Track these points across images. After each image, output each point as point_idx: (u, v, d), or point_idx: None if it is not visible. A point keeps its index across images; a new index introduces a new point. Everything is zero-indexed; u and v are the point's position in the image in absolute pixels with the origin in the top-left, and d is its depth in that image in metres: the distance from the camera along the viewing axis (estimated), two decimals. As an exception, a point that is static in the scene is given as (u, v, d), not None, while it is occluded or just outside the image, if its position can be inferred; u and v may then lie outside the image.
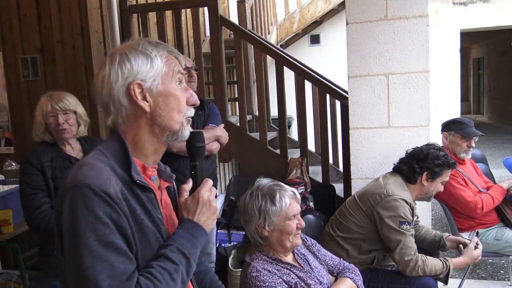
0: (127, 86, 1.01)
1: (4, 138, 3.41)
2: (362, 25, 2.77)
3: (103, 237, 0.88)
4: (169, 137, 1.05)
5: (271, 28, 6.00)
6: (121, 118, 1.03)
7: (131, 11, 3.67)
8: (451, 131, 2.96)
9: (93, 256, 0.87)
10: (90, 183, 0.90)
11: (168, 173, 1.14)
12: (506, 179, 3.01)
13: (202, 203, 1.06)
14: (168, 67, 1.05)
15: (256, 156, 3.71)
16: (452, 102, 7.92)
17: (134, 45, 1.05)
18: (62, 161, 2.12)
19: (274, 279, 1.61)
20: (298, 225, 1.69)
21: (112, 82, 1.01)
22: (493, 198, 2.81)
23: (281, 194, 1.68)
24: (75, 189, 0.91)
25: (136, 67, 1.01)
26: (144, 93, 1.02)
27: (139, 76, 1.01)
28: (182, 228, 1.03)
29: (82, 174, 0.93)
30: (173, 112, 1.04)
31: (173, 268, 0.96)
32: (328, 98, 3.69)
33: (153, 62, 1.03)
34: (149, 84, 1.02)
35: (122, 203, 0.93)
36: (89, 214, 0.88)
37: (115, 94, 1.01)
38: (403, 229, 2.20)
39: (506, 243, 2.81)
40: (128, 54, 1.03)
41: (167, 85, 1.04)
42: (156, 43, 1.07)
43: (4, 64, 3.29)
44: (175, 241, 0.99)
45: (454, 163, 2.37)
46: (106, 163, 0.97)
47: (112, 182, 0.93)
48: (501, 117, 13.91)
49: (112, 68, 1.02)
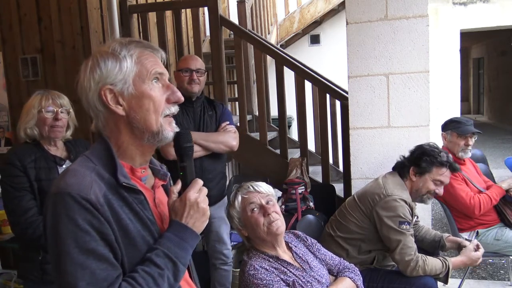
0: (98, 92, 1.00)
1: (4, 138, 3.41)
2: (362, 25, 2.77)
3: (83, 244, 0.89)
4: (150, 139, 1.03)
5: (271, 28, 5.99)
6: (101, 122, 1.03)
7: (131, 11, 3.67)
8: (449, 131, 2.98)
9: (74, 263, 0.88)
10: (71, 190, 0.91)
11: (163, 171, 1.13)
12: (506, 179, 3.01)
13: (190, 205, 1.03)
14: (140, 67, 1.01)
15: (256, 156, 3.71)
16: (452, 102, 7.92)
17: (105, 47, 1.03)
18: (46, 162, 2.02)
19: (271, 277, 1.61)
20: (265, 214, 1.68)
21: (87, 89, 1.00)
22: (491, 198, 2.81)
23: (236, 193, 1.77)
24: (57, 197, 0.92)
25: (105, 72, 0.99)
26: (116, 97, 1.00)
27: (109, 80, 0.99)
28: (169, 231, 1.01)
29: (64, 181, 0.93)
30: (149, 113, 1.01)
31: (157, 273, 0.94)
32: (328, 98, 3.69)
33: (121, 64, 1.00)
34: (119, 87, 1.00)
35: (104, 209, 0.92)
36: (70, 222, 0.89)
37: (90, 100, 1.01)
38: (403, 229, 2.20)
39: (506, 243, 2.81)
40: (98, 58, 1.01)
41: (140, 86, 1.01)
42: (128, 42, 1.04)
43: (4, 64, 3.29)
44: (162, 245, 0.98)
45: (446, 162, 2.29)
46: (91, 169, 0.97)
47: (94, 188, 0.93)
48: (501, 117, 13.91)
49: (85, 75, 1.01)
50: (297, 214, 3.20)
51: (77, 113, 2.19)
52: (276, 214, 1.70)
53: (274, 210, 1.70)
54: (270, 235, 1.69)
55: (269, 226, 1.68)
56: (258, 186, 1.76)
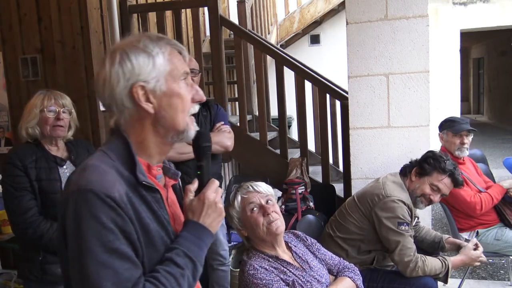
0: (129, 89, 0.96)
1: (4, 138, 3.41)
2: (362, 25, 2.77)
3: (107, 243, 0.86)
4: (174, 138, 1.02)
5: (271, 28, 5.99)
6: (124, 119, 0.99)
7: (131, 11, 3.67)
8: (445, 130, 2.99)
9: (97, 263, 0.85)
10: (94, 187, 0.88)
11: (173, 170, 1.11)
12: (506, 178, 3.01)
13: (208, 205, 1.02)
14: (171, 65, 0.99)
15: (256, 156, 3.71)
16: (452, 102, 7.91)
17: (134, 42, 1.00)
18: (47, 162, 2.02)
19: (271, 277, 1.61)
20: (265, 214, 1.68)
21: (113, 84, 0.96)
22: (492, 197, 2.81)
23: (236, 193, 1.76)
24: (79, 194, 0.88)
25: (137, 68, 0.96)
26: (147, 94, 0.97)
27: (141, 78, 0.96)
28: (187, 230, 1.00)
29: (86, 178, 0.90)
30: (178, 112, 1.00)
31: (179, 273, 0.94)
32: (328, 98, 3.69)
33: (155, 61, 0.97)
34: (152, 85, 0.97)
35: (128, 207, 0.90)
36: (93, 220, 0.86)
37: (117, 96, 0.97)
38: (402, 230, 2.19)
39: (506, 243, 2.81)
40: (128, 53, 0.97)
41: (171, 84, 0.99)
42: (158, 38, 1.01)
43: (4, 64, 3.29)
44: (181, 245, 0.97)
45: (448, 171, 2.26)
46: (111, 165, 0.94)
47: (117, 186, 0.91)
48: (501, 117, 13.91)
49: (113, 69, 0.97)
50: (297, 214, 3.20)
51: (77, 113, 2.19)
52: (275, 214, 1.70)
53: (274, 210, 1.70)
54: (269, 235, 1.69)
55: (268, 226, 1.67)
56: (257, 186, 1.75)
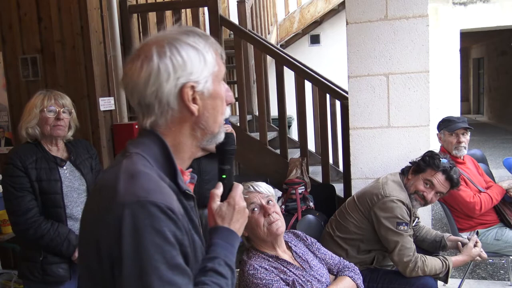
0: (179, 88, 0.87)
1: (4, 138, 3.41)
2: (362, 25, 2.77)
3: (170, 259, 0.79)
4: (209, 140, 0.96)
5: (271, 28, 5.99)
6: (165, 120, 0.90)
7: (131, 11, 3.67)
8: (442, 130, 3.00)
9: (163, 281, 0.78)
10: (155, 199, 0.80)
11: (191, 174, 1.05)
12: (506, 179, 3.01)
13: (238, 210, 0.99)
14: (218, 65, 0.93)
15: (256, 156, 3.71)
16: (452, 102, 7.92)
17: (181, 35, 0.90)
18: (47, 162, 2.02)
19: (271, 277, 1.61)
20: (265, 214, 1.68)
21: (162, 81, 0.86)
22: (492, 198, 2.81)
23: None
24: (138, 206, 0.78)
25: (189, 65, 0.87)
26: (195, 95, 0.89)
27: (193, 77, 0.88)
28: (221, 238, 0.96)
29: (142, 187, 0.81)
30: (218, 114, 0.94)
31: (224, 283, 0.90)
32: (328, 98, 3.69)
33: (206, 60, 0.90)
34: (201, 86, 0.89)
35: (184, 219, 0.85)
36: (157, 235, 0.78)
37: (165, 95, 0.87)
38: (401, 230, 2.19)
39: (506, 243, 2.81)
40: (178, 48, 0.88)
41: (216, 85, 0.93)
42: (204, 36, 0.92)
43: (4, 64, 3.29)
44: (220, 254, 0.92)
45: (443, 168, 2.25)
46: (154, 171, 0.86)
47: (172, 195, 0.84)
48: (501, 117, 13.91)
49: (162, 63, 0.86)
50: (297, 214, 3.20)
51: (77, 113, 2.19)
52: (276, 215, 1.70)
53: (275, 211, 1.70)
54: (270, 235, 1.69)
55: (269, 226, 1.67)
56: (258, 186, 1.75)
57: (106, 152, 3.22)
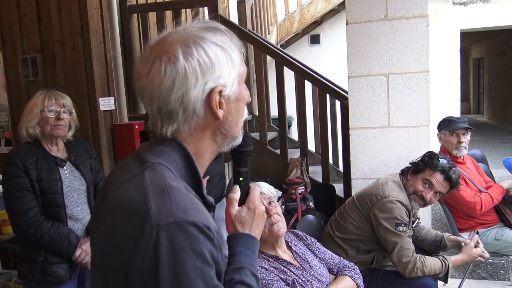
0: (208, 93, 0.79)
1: (4, 138, 3.40)
2: (362, 25, 2.77)
3: (210, 282, 0.73)
4: (228, 144, 0.88)
5: (271, 28, 6.00)
6: (188, 127, 0.81)
7: (131, 11, 3.67)
8: (442, 130, 2.99)
9: None
10: (193, 218, 0.72)
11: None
12: (506, 179, 3.01)
13: (258, 215, 0.93)
14: (243, 66, 0.85)
15: (256, 156, 3.70)
16: (452, 102, 7.92)
17: (206, 33, 0.80)
18: (48, 162, 2.02)
19: (271, 277, 1.61)
20: (267, 215, 1.65)
21: (190, 86, 0.77)
22: (493, 197, 2.81)
23: None
24: (176, 227, 0.71)
25: (218, 68, 0.79)
26: (221, 99, 0.81)
27: (222, 81, 0.80)
28: (242, 245, 0.90)
29: (177, 206, 0.73)
30: (241, 117, 0.87)
31: None
32: (328, 98, 3.69)
33: (233, 60, 0.81)
34: (228, 90, 0.81)
35: (218, 238, 0.78)
36: (197, 258, 0.71)
37: (191, 101, 0.78)
38: (399, 231, 2.19)
39: (506, 243, 2.81)
40: (205, 47, 0.78)
41: (240, 87, 0.85)
42: (229, 33, 0.84)
43: (4, 64, 3.29)
44: (245, 263, 0.87)
45: (441, 168, 2.25)
46: (183, 185, 0.78)
47: (207, 212, 0.78)
48: (501, 117, 13.91)
49: (189, 66, 0.77)
50: (297, 214, 3.20)
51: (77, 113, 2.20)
52: (278, 216, 1.70)
53: (276, 212, 1.70)
54: (271, 236, 1.69)
55: (270, 227, 1.67)
56: (260, 186, 1.74)
57: (106, 152, 3.22)
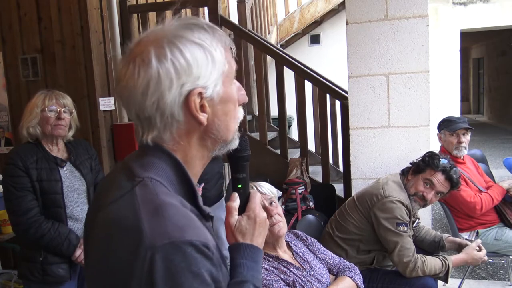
0: (185, 96, 0.73)
1: (4, 138, 3.41)
2: (362, 25, 2.77)
3: None
4: (220, 149, 0.83)
5: (271, 28, 5.99)
6: (170, 134, 0.76)
7: (131, 11, 3.67)
8: (442, 130, 3.00)
9: None
10: (190, 237, 0.67)
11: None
12: (506, 179, 3.01)
13: (259, 223, 0.88)
14: (228, 63, 0.78)
15: (256, 156, 3.70)
16: (452, 102, 7.92)
17: (183, 31, 0.75)
18: (48, 162, 2.03)
19: (271, 277, 1.61)
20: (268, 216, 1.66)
21: (164, 89, 0.72)
22: (493, 198, 2.81)
23: None
24: (172, 248, 0.66)
25: (195, 68, 0.73)
26: (203, 102, 0.75)
27: (201, 82, 0.74)
28: (244, 257, 0.85)
29: (173, 225, 0.68)
30: (231, 120, 0.81)
31: None
32: (328, 98, 3.69)
33: (214, 59, 0.75)
34: (210, 91, 0.75)
35: (218, 254, 0.73)
36: (195, 279, 0.67)
37: (168, 106, 0.73)
38: (400, 230, 2.19)
39: (506, 243, 2.81)
40: (181, 47, 0.73)
41: (227, 87, 0.78)
42: (211, 28, 0.78)
43: (4, 64, 3.29)
44: (247, 276, 0.83)
45: (442, 167, 2.25)
46: (177, 200, 0.73)
47: (205, 229, 0.73)
48: (501, 117, 13.91)
49: (162, 68, 0.72)
50: (297, 214, 3.20)
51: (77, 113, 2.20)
52: (278, 216, 1.70)
53: (277, 212, 1.70)
54: (272, 237, 1.68)
55: (271, 228, 1.67)
56: (261, 186, 1.74)
57: (106, 152, 3.22)
